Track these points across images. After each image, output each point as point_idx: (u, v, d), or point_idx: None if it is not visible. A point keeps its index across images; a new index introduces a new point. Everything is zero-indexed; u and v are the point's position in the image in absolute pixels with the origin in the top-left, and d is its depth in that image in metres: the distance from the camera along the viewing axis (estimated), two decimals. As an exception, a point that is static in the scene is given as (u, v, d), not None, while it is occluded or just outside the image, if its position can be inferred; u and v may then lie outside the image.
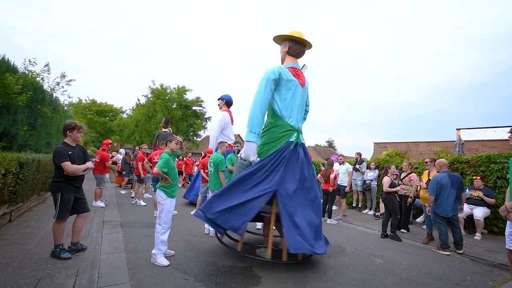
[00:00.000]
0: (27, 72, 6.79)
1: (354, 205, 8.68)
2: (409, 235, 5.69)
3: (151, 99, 21.41)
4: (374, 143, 14.71)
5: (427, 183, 5.47)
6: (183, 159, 12.80)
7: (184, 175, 12.38)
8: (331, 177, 6.49)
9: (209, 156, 5.88)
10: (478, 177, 5.85)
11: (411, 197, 6.00)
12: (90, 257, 3.37)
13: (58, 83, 7.88)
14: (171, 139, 3.71)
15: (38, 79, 7.08)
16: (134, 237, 4.41)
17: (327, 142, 52.28)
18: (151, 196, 7.88)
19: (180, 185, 11.10)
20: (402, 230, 5.89)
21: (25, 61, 6.91)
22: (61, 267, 3.03)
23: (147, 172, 7.26)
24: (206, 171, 6.00)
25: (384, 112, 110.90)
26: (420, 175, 6.57)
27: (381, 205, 7.12)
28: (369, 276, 3.42)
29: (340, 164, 7.43)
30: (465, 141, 10.22)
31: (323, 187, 6.68)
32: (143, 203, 7.36)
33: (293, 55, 4.02)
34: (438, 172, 4.92)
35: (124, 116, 27.30)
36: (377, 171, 7.94)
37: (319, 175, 7.06)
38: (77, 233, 3.54)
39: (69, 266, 3.08)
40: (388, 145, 13.69)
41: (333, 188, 6.52)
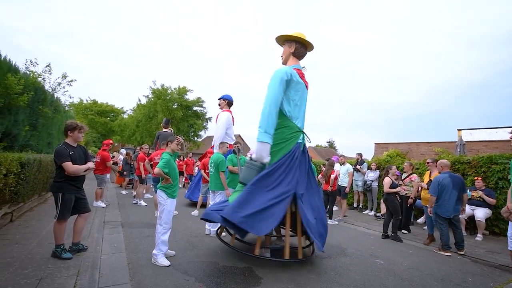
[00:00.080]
0: (28, 72, 6.81)
1: (355, 205, 8.67)
2: (410, 236, 5.68)
3: (152, 99, 21.46)
4: (375, 143, 14.69)
5: (428, 183, 5.45)
6: (184, 159, 12.81)
7: (186, 175, 12.39)
8: (331, 177, 6.49)
9: (209, 157, 5.89)
10: (479, 178, 5.83)
11: (411, 197, 5.99)
12: (91, 257, 3.37)
13: (60, 84, 7.91)
14: (173, 139, 3.70)
15: (40, 79, 7.10)
16: (135, 237, 4.42)
17: (327, 142, 52.18)
18: (151, 196, 7.89)
19: (181, 185, 11.10)
20: (403, 231, 5.87)
21: (27, 62, 6.94)
22: (62, 267, 3.03)
23: (148, 172, 7.27)
24: (207, 171, 6.01)
25: (384, 112, 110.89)
26: (421, 176, 6.56)
27: (382, 205, 7.12)
28: (370, 277, 3.42)
29: (340, 165, 7.43)
30: (466, 141, 10.20)
31: (324, 188, 6.68)
32: (144, 203, 7.37)
33: (297, 56, 4.06)
34: (439, 172, 4.91)
35: (125, 116, 27.36)
36: (378, 172, 7.93)
37: (320, 175, 7.06)
38: (78, 233, 3.54)
39: (70, 266, 3.09)
40: (389, 145, 13.68)
41: (333, 188, 6.52)
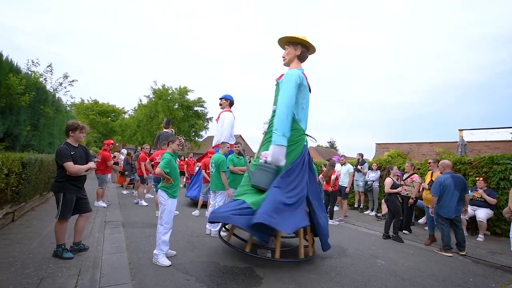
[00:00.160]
0: (30, 72, 6.84)
1: (356, 206, 8.65)
2: (411, 236, 5.67)
3: (153, 99, 21.50)
4: (376, 143, 14.65)
5: (430, 184, 5.44)
6: (185, 159, 12.82)
7: (187, 175, 12.40)
8: (332, 178, 6.48)
9: (210, 156, 5.89)
10: (481, 178, 5.82)
11: (412, 198, 5.98)
12: (92, 257, 3.38)
13: (61, 84, 7.93)
14: (174, 139, 3.71)
15: (41, 79, 7.13)
16: (136, 237, 4.42)
17: (328, 142, 52.12)
18: (152, 196, 7.90)
19: (181, 186, 11.11)
20: (404, 231, 5.86)
21: (28, 62, 6.97)
22: (63, 267, 3.04)
23: (149, 172, 7.29)
24: (208, 171, 6.01)
25: (385, 112, 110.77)
26: (422, 176, 6.54)
27: (383, 206, 7.10)
28: (370, 277, 3.41)
29: (341, 165, 7.43)
30: (467, 142, 10.16)
31: (324, 188, 6.67)
32: (145, 203, 7.38)
33: (301, 59, 4.13)
34: (441, 173, 4.89)
35: (126, 116, 27.41)
36: (379, 172, 7.92)
37: (321, 175, 7.05)
38: (79, 233, 3.55)
39: (71, 266, 3.09)
40: (390, 145, 13.64)
41: (333, 189, 6.51)
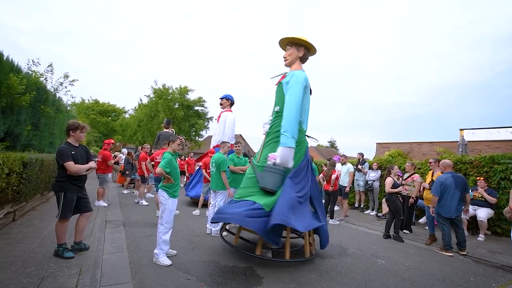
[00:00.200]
0: (30, 72, 6.83)
1: (357, 205, 8.65)
2: (411, 236, 5.67)
3: (154, 99, 21.51)
4: (377, 143, 14.62)
5: (430, 183, 5.43)
6: (185, 159, 12.83)
7: (187, 174, 12.40)
8: (332, 177, 6.48)
9: (211, 156, 5.89)
10: (482, 178, 5.81)
11: (413, 197, 5.97)
12: (92, 257, 3.38)
13: (61, 83, 7.93)
14: (174, 139, 3.71)
15: (42, 79, 7.12)
16: (136, 236, 4.43)
17: (329, 142, 52.15)
18: (153, 195, 7.90)
19: (182, 185, 11.11)
20: (404, 231, 5.86)
21: (29, 62, 6.96)
22: (64, 266, 3.04)
23: (150, 172, 7.30)
24: (208, 171, 6.01)
25: (385, 112, 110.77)
26: (423, 176, 6.53)
27: (383, 205, 7.10)
28: (371, 277, 3.41)
29: (342, 165, 7.42)
30: (468, 141, 10.13)
31: (325, 188, 6.67)
32: (146, 202, 7.39)
33: (303, 61, 4.19)
34: (442, 172, 4.89)
35: (127, 116, 27.44)
36: (379, 172, 7.91)
37: (321, 175, 7.05)
38: (80, 232, 3.55)
39: (72, 265, 3.10)
40: (390, 145, 13.62)
41: (334, 188, 6.51)
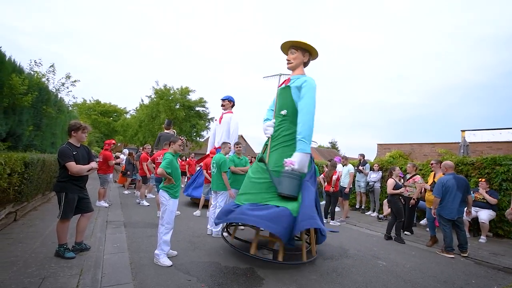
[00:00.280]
0: (32, 72, 6.86)
1: (358, 206, 8.63)
2: (412, 237, 5.65)
3: (155, 99, 21.56)
4: (378, 144, 14.59)
5: (432, 185, 5.42)
6: (186, 159, 12.84)
7: (188, 175, 12.42)
8: (333, 178, 6.47)
9: (211, 157, 5.89)
10: (483, 180, 5.79)
11: (414, 199, 5.95)
12: (93, 257, 3.39)
13: (63, 84, 7.95)
14: (175, 139, 3.72)
15: (44, 79, 7.15)
16: (137, 237, 4.43)
17: (330, 143, 52.10)
18: (154, 196, 7.91)
19: (183, 186, 11.12)
20: (405, 232, 5.84)
21: (31, 62, 6.99)
22: (65, 267, 3.05)
23: (151, 173, 7.31)
24: (209, 171, 6.01)
25: (385, 112, 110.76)
26: (424, 177, 6.52)
27: (385, 207, 7.09)
28: (372, 279, 3.41)
29: (343, 166, 7.41)
30: (470, 142, 10.10)
31: (325, 188, 6.66)
32: (146, 203, 7.39)
33: (304, 66, 4.36)
34: (443, 174, 4.87)
35: (128, 116, 27.51)
36: (380, 173, 7.90)
37: (322, 176, 7.05)
38: (81, 232, 3.56)
39: (73, 265, 3.11)
40: (391, 146, 13.59)
41: (334, 189, 6.50)
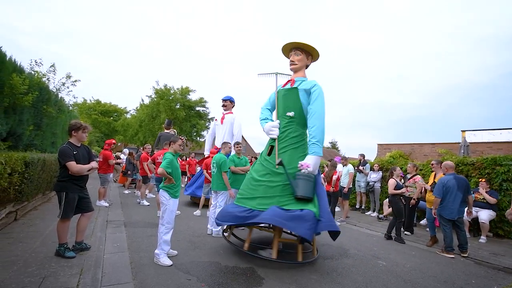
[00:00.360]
0: (33, 72, 6.87)
1: (358, 206, 8.63)
2: (413, 237, 5.65)
3: (155, 99, 21.58)
4: (378, 144, 14.58)
5: (432, 185, 5.42)
6: (186, 159, 12.85)
7: (189, 174, 12.42)
8: (333, 178, 6.47)
9: (212, 157, 5.89)
10: (484, 180, 5.79)
11: (414, 199, 5.95)
12: (94, 256, 3.39)
13: (64, 84, 7.96)
14: (176, 139, 3.72)
15: (44, 79, 7.16)
16: (137, 236, 4.43)
17: (330, 143, 52.13)
18: (154, 196, 7.92)
19: (183, 185, 11.13)
20: (406, 232, 5.84)
21: (31, 62, 7.00)
22: (65, 266, 3.05)
23: (152, 172, 7.31)
24: (209, 171, 6.02)
25: (385, 112, 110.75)
26: (425, 177, 6.51)
27: (385, 207, 7.08)
28: (372, 278, 3.41)
29: (343, 166, 7.41)
30: (470, 143, 10.09)
31: (326, 188, 6.66)
32: (147, 203, 7.40)
33: (307, 68, 4.34)
34: (444, 174, 4.87)
35: (128, 116, 27.53)
36: (380, 173, 7.90)
37: (322, 175, 7.04)
38: (81, 232, 3.56)
39: (73, 265, 3.11)
40: (391, 146, 13.59)
41: (334, 189, 6.50)
